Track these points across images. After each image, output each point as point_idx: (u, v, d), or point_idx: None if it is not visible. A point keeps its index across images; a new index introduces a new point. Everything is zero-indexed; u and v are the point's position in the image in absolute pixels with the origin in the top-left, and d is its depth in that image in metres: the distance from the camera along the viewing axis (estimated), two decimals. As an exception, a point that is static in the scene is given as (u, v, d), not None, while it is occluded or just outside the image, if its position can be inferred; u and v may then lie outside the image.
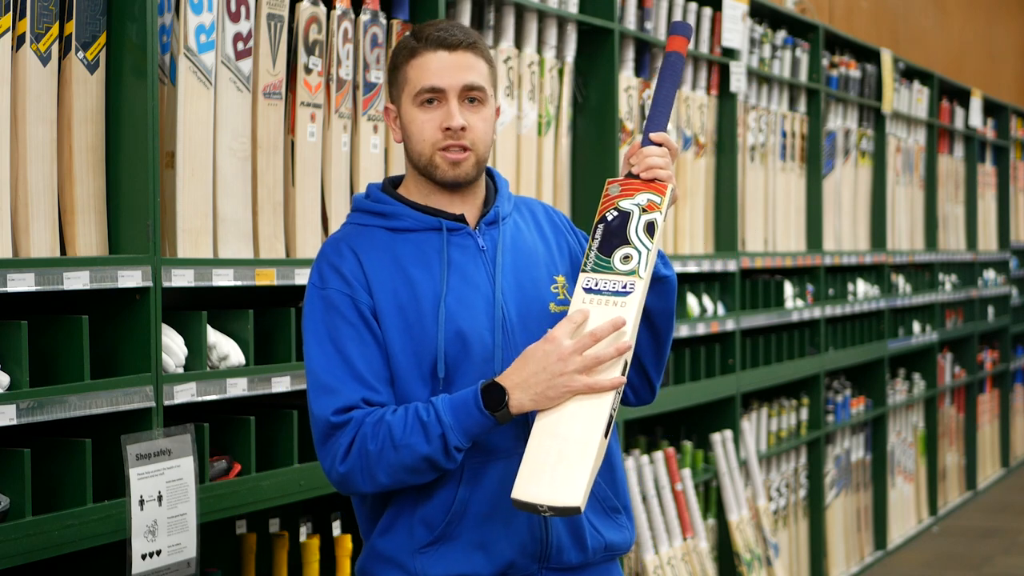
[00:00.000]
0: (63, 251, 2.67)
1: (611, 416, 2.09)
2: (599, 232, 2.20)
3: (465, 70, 2.21)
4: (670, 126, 4.72)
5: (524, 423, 2.18)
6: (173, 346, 2.72)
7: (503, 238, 2.26)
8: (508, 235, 2.28)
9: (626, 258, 2.17)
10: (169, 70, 2.83)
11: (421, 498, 2.20)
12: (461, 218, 2.26)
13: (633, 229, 2.18)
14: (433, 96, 2.21)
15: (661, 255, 2.28)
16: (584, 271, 2.18)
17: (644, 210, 2.19)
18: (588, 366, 2.08)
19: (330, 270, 2.22)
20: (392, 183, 2.33)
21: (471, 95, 2.22)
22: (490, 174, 2.36)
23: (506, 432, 2.17)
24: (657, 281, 2.25)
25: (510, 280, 2.24)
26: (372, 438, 2.11)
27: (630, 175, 2.25)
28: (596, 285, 2.16)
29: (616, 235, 2.19)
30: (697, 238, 4.97)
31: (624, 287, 2.14)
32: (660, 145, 2.26)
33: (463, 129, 2.20)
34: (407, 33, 2.28)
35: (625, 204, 2.21)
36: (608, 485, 2.28)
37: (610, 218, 2.20)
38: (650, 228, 2.18)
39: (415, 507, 2.20)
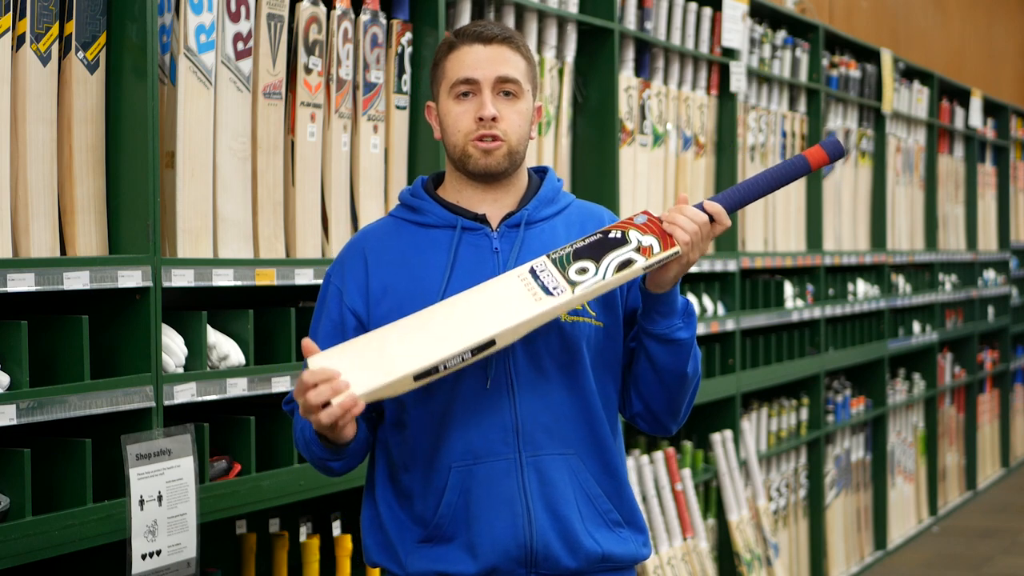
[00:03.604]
0: (63, 251, 2.67)
1: (437, 369, 2.05)
2: (592, 239, 2.16)
3: (499, 63, 2.22)
4: (669, 126, 4.72)
5: (513, 428, 2.18)
6: (173, 346, 2.72)
7: (521, 242, 2.24)
8: (531, 239, 2.25)
9: (582, 271, 2.12)
10: (169, 70, 2.83)
11: (417, 497, 2.22)
12: (481, 218, 2.25)
13: (612, 256, 2.14)
14: (468, 88, 2.22)
15: (691, 317, 2.23)
16: (549, 256, 2.15)
17: (638, 249, 2.14)
18: (310, 409, 2.06)
19: (339, 263, 2.30)
20: (436, 179, 2.34)
21: (505, 87, 2.22)
22: (542, 175, 2.35)
23: (492, 436, 2.18)
24: (669, 342, 2.21)
25: None
26: (296, 429, 2.27)
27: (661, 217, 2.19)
28: (540, 273, 2.13)
29: (598, 250, 2.15)
30: (697, 238, 4.97)
31: (554, 289, 2.11)
32: (709, 215, 2.18)
33: (494, 119, 2.20)
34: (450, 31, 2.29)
35: (632, 235, 2.16)
36: (611, 498, 2.26)
37: (611, 235, 2.17)
38: (623, 265, 2.12)
39: (412, 504, 2.23)
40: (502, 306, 2.10)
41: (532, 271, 2.13)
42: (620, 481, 2.27)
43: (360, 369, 2.05)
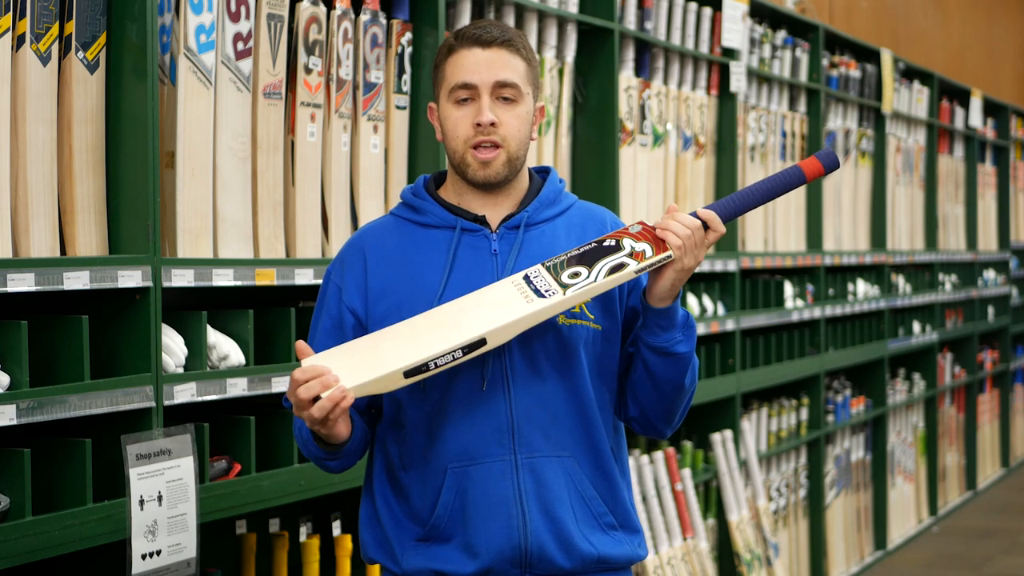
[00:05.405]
0: (63, 251, 2.67)
1: (427, 366, 2.08)
2: (587, 247, 2.18)
3: (499, 67, 2.21)
4: (669, 126, 4.72)
5: (508, 430, 2.19)
6: (173, 346, 2.72)
7: (519, 243, 2.24)
8: (530, 241, 2.25)
9: (575, 275, 2.14)
10: (169, 70, 2.83)
11: (414, 496, 2.23)
12: (481, 219, 2.25)
13: (605, 260, 2.15)
14: (466, 93, 2.21)
15: (691, 330, 2.23)
16: (544, 264, 2.17)
17: (631, 255, 2.16)
18: (301, 405, 2.09)
19: (339, 262, 2.30)
20: (439, 177, 2.34)
21: (504, 92, 2.21)
22: (544, 176, 2.35)
23: (488, 438, 2.18)
24: (668, 355, 2.22)
25: None
26: (295, 426, 2.28)
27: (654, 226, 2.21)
28: (534, 279, 2.15)
29: (591, 257, 2.17)
30: (697, 238, 4.96)
31: (546, 292, 2.12)
32: (703, 221, 2.18)
33: (493, 125, 2.19)
34: (450, 33, 2.28)
35: (627, 242, 2.18)
36: (606, 501, 2.26)
37: (606, 243, 2.18)
38: (615, 269, 2.14)
39: (410, 502, 2.23)
40: (494, 308, 2.12)
41: (526, 277, 2.16)
42: (615, 484, 2.27)
43: (351, 366, 2.09)
